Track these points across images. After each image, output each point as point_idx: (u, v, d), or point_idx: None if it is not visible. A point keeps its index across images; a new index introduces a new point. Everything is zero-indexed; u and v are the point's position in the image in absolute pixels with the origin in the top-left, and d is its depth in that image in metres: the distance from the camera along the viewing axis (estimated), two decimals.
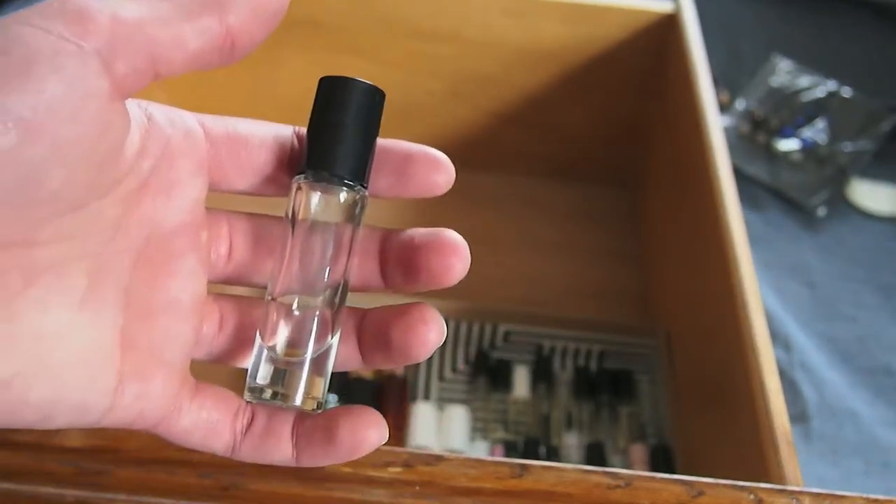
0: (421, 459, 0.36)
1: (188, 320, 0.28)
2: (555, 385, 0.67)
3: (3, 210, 0.23)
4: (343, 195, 0.29)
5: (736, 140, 0.92)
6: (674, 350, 0.65)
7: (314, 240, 0.29)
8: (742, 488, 0.37)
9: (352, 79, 0.29)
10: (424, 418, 0.63)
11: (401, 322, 0.29)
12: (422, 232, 0.29)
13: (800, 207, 0.88)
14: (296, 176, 0.29)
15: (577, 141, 0.81)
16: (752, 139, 0.93)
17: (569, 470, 0.37)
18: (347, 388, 0.62)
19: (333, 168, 0.29)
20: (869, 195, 0.90)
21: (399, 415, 0.62)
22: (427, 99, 0.79)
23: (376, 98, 0.29)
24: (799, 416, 0.71)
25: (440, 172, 0.30)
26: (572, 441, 0.63)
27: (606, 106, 0.79)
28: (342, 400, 0.62)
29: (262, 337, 0.29)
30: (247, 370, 0.30)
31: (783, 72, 0.97)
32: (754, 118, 0.94)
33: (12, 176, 0.22)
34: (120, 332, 0.27)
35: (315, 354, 0.29)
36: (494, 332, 0.68)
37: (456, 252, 0.29)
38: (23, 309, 0.24)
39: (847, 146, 0.92)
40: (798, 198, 0.88)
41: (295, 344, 0.29)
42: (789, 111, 0.94)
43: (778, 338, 0.76)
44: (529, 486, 0.36)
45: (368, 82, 0.29)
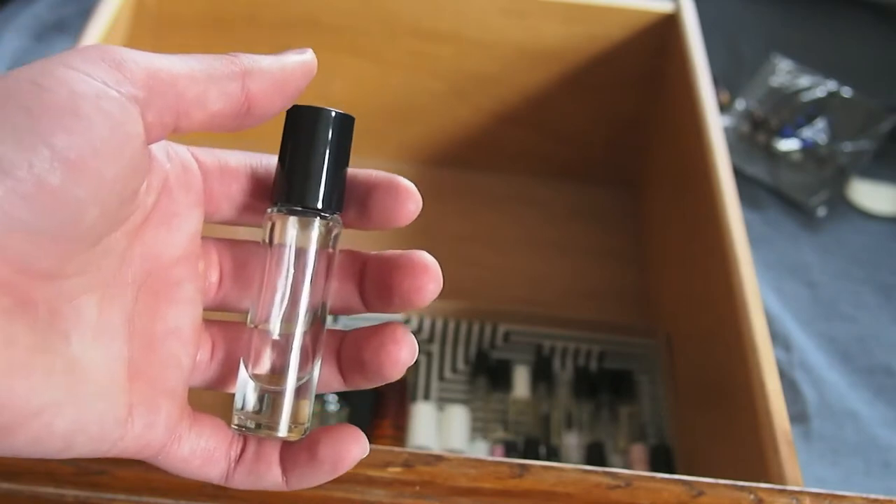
0: (421, 459, 0.36)
1: (188, 348, 0.29)
2: (555, 385, 0.67)
3: (50, 244, 0.24)
4: (317, 226, 0.29)
5: (736, 140, 0.92)
6: (674, 350, 0.65)
7: (290, 268, 0.29)
8: (742, 488, 0.37)
9: (320, 108, 0.29)
10: (424, 418, 0.63)
11: (373, 342, 0.29)
12: (395, 254, 0.29)
13: (800, 207, 0.88)
14: (269, 207, 0.29)
15: (577, 141, 0.81)
16: (752, 139, 0.93)
17: (569, 470, 0.37)
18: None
19: (306, 200, 0.29)
20: (869, 195, 0.90)
21: (399, 415, 0.62)
22: (427, 99, 0.79)
23: (345, 125, 0.29)
24: (799, 416, 0.71)
25: (402, 202, 0.29)
26: (572, 441, 0.63)
27: (606, 106, 0.79)
28: (342, 401, 0.62)
29: (247, 364, 0.29)
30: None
31: (783, 72, 0.97)
32: (754, 118, 0.94)
33: (57, 212, 0.23)
34: (127, 362, 0.27)
35: (300, 382, 0.29)
36: (494, 332, 0.68)
37: (427, 272, 0.29)
38: (53, 340, 0.25)
39: (847, 146, 0.92)
40: (798, 198, 0.88)
41: (278, 371, 0.29)
42: (789, 111, 0.94)
43: (778, 338, 0.76)
44: (529, 486, 0.36)
45: (337, 111, 0.29)
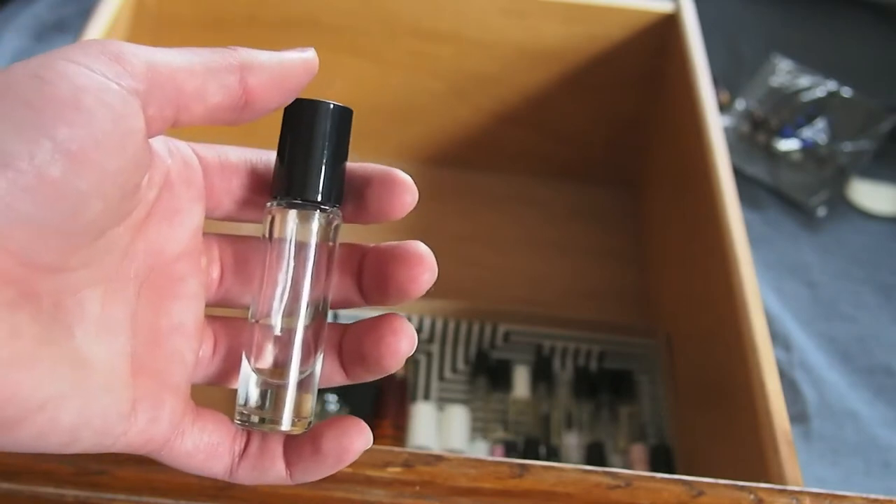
0: (421, 459, 0.36)
1: (191, 344, 0.29)
2: (555, 385, 0.67)
3: (52, 237, 0.24)
4: (316, 218, 0.29)
5: (736, 140, 0.92)
6: (674, 350, 0.65)
7: (290, 261, 0.29)
8: (742, 488, 0.37)
9: (318, 101, 0.29)
10: (424, 418, 0.63)
11: (372, 334, 0.29)
12: (391, 245, 0.30)
13: (800, 207, 0.88)
14: (269, 202, 0.30)
15: (577, 141, 0.81)
16: (752, 139, 0.93)
17: (569, 470, 0.37)
18: (348, 389, 0.62)
19: (306, 192, 0.29)
20: (869, 195, 0.90)
21: (399, 415, 0.62)
22: (427, 99, 0.79)
23: (344, 117, 0.30)
24: (799, 416, 0.71)
25: (398, 194, 0.29)
26: (572, 441, 0.63)
27: (606, 106, 0.79)
28: (342, 400, 0.62)
29: (249, 359, 0.30)
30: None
31: (783, 72, 0.97)
32: (754, 118, 0.94)
33: (59, 205, 0.23)
34: (131, 357, 0.27)
35: (302, 375, 0.29)
36: (494, 332, 0.68)
37: (421, 262, 0.29)
38: (57, 333, 0.25)
39: (847, 146, 0.92)
40: (798, 198, 0.88)
41: (280, 365, 0.29)
42: (789, 111, 0.94)
43: (778, 338, 0.76)
44: (529, 486, 0.36)
45: (335, 103, 0.29)
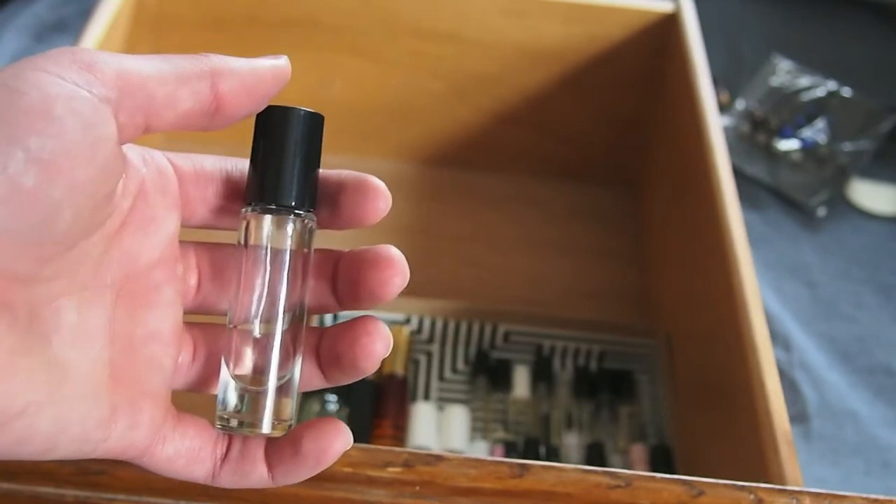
0: (421, 459, 0.36)
1: (169, 350, 0.29)
2: (555, 385, 0.67)
3: (26, 247, 0.24)
4: (291, 223, 0.29)
5: (736, 140, 0.92)
6: (674, 350, 0.65)
7: (266, 267, 0.29)
8: (742, 488, 0.37)
9: (289, 107, 0.29)
10: (424, 418, 0.63)
11: (347, 337, 0.29)
12: (364, 249, 0.30)
13: (800, 207, 0.88)
14: (243, 208, 0.30)
15: (577, 141, 0.81)
16: (752, 139, 0.93)
17: (569, 470, 0.37)
18: (348, 389, 0.62)
19: (279, 198, 0.29)
20: (869, 195, 0.90)
21: (399, 415, 0.62)
22: (427, 99, 0.79)
23: (316, 123, 0.30)
24: (799, 416, 0.71)
25: (371, 200, 0.29)
26: (572, 441, 0.63)
27: (606, 106, 0.79)
28: (343, 401, 0.62)
29: (228, 365, 0.30)
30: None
31: (783, 72, 0.97)
32: (754, 118, 0.94)
33: (33, 214, 0.23)
34: (108, 365, 0.27)
35: (281, 380, 0.29)
36: (494, 332, 0.68)
37: (392, 266, 0.29)
38: (33, 342, 0.25)
39: (847, 146, 0.92)
40: (798, 198, 0.88)
41: (259, 370, 0.29)
42: (789, 111, 0.94)
43: (778, 338, 0.76)
44: (529, 486, 0.36)
45: (306, 109, 0.29)
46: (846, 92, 0.95)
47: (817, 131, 0.92)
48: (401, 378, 0.65)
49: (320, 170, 0.30)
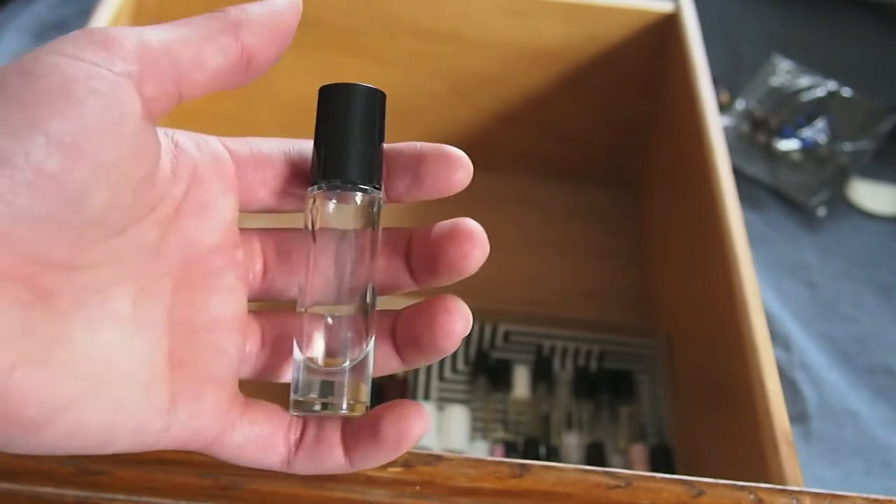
0: (421, 459, 0.36)
1: (232, 337, 0.29)
2: (555, 385, 0.67)
3: (58, 232, 0.24)
4: (358, 200, 0.29)
5: (736, 140, 0.92)
6: (674, 350, 0.65)
7: (335, 248, 0.29)
8: (742, 488, 0.37)
9: (351, 84, 0.29)
10: None
11: (425, 316, 0.29)
12: (441, 224, 0.29)
13: (800, 207, 0.88)
14: (309, 188, 0.30)
15: (577, 141, 0.81)
16: (752, 139, 0.93)
17: (569, 470, 0.37)
18: None
19: (345, 175, 0.29)
20: (869, 195, 0.90)
21: None
22: (427, 99, 0.79)
23: (378, 99, 0.30)
24: (799, 416, 0.71)
25: (455, 169, 0.29)
26: (572, 441, 0.63)
27: (606, 106, 0.79)
28: None
29: (300, 349, 0.29)
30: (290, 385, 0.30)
31: (783, 72, 0.97)
32: (754, 118, 0.94)
33: (59, 198, 0.23)
34: (167, 353, 0.27)
35: (354, 361, 0.29)
36: (494, 332, 0.68)
37: (472, 239, 0.29)
38: (75, 332, 0.25)
39: (847, 146, 0.92)
40: (798, 198, 0.88)
41: (333, 353, 0.29)
42: (789, 111, 0.94)
43: (778, 338, 0.76)
44: (529, 486, 0.36)
45: (367, 85, 0.29)
46: (846, 92, 0.95)
47: (817, 131, 0.92)
48: (401, 378, 0.65)
49: (391, 144, 0.30)
